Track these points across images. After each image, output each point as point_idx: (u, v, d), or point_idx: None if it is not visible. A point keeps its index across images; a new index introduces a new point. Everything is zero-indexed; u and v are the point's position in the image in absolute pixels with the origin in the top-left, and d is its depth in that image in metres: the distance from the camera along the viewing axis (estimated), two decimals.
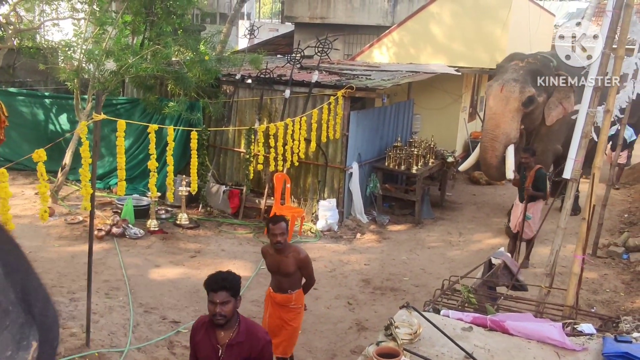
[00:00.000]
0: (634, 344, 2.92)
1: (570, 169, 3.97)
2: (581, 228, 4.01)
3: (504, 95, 8.40)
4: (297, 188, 9.73)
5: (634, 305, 7.17)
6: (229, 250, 8.19)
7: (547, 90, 8.57)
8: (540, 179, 7.65)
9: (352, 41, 15.67)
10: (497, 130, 8.49)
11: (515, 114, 8.49)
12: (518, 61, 8.82)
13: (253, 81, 9.76)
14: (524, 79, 8.44)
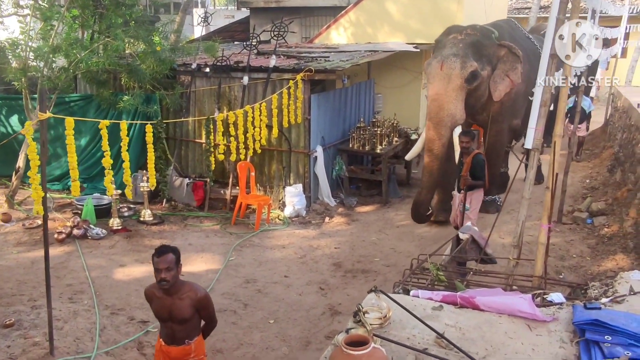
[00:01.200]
0: (603, 309, 2.92)
1: (531, 138, 3.95)
2: (546, 197, 4.00)
3: (444, 73, 7.47)
4: (262, 176, 9.59)
5: (601, 269, 7.28)
6: (196, 243, 8.02)
7: (490, 62, 7.88)
8: (478, 165, 7.00)
9: (309, 23, 15.47)
10: (442, 113, 7.49)
11: (459, 93, 7.54)
12: (456, 34, 7.91)
13: (210, 70, 9.53)
14: (464, 53, 7.57)
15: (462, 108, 7.61)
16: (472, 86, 7.64)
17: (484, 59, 7.75)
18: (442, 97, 7.48)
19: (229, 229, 8.62)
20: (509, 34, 8.49)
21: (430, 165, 7.61)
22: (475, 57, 7.63)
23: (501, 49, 7.91)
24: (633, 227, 8.06)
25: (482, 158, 7.05)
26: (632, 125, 10.02)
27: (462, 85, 7.51)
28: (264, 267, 7.34)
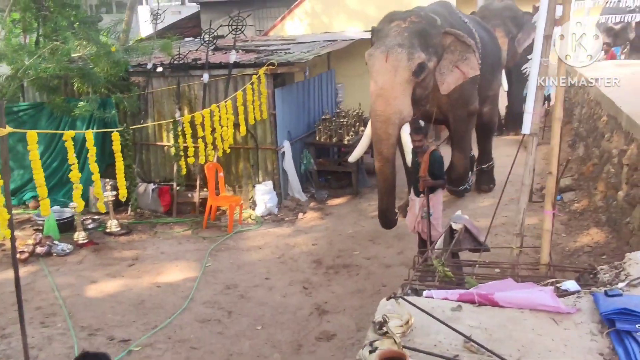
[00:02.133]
0: (625, 295, 2.84)
1: (529, 123, 3.87)
2: (548, 183, 3.93)
3: (390, 65, 6.75)
4: (230, 175, 9.30)
5: (577, 245, 7.38)
6: (168, 251, 7.70)
7: (437, 52, 7.24)
8: (436, 163, 6.30)
9: (263, 16, 15.16)
10: (389, 110, 6.75)
11: (406, 87, 6.85)
12: (400, 21, 7.12)
13: (166, 69, 9.15)
14: (410, 43, 6.85)
15: (409, 103, 6.96)
16: (420, 79, 6.97)
17: (430, 49, 7.11)
18: (388, 92, 6.79)
19: (201, 234, 8.32)
20: (445, 18, 7.86)
21: (383, 169, 6.91)
22: (422, 47, 6.97)
23: (447, 37, 7.33)
24: (603, 201, 8.19)
25: (439, 155, 6.37)
26: (592, 101, 10.19)
27: (410, 79, 6.84)
28: (243, 271, 7.10)
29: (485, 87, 8.83)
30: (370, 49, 7.17)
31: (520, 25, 12.26)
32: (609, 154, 8.12)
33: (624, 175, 7.15)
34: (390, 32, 7.07)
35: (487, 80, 8.85)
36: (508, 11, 12.43)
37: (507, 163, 11.20)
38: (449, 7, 8.66)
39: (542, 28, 3.73)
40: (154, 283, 6.77)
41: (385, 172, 6.92)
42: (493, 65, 9.10)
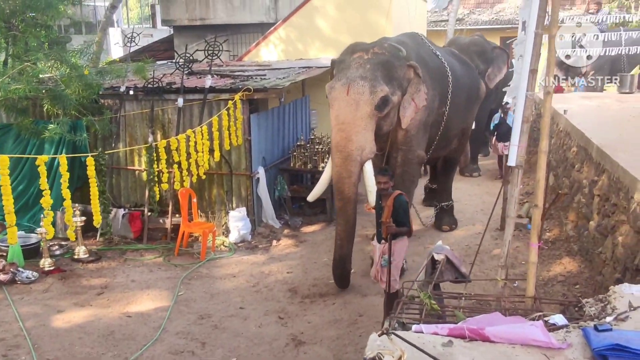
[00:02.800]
0: (616, 330, 2.83)
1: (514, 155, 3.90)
2: (534, 215, 3.95)
3: (351, 99, 6.43)
4: (203, 201, 9.14)
5: (551, 274, 7.45)
6: (139, 279, 7.47)
7: (401, 85, 6.95)
8: (401, 208, 5.71)
9: (237, 41, 15.17)
10: (350, 146, 6.43)
11: (368, 121, 6.53)
12: (362, 53, 6.84)
13: (140, 92, 9.01)
14: (373, 75, 6.56)
15: (372, 139, 6.66)
16: (383, 113, 6.69)
17: (394, 81, 6.84)
18: (350, 126, 6.48)
19: (173, 261, 8.11)
20: (415, 50, 7.62)
21: (344, 209, 6.56)
22: (385, 80, 6.69)
23: (410, 69, 7.09)
24: (574, 230, 8.33)
25: (405, 199, 5.80)
26: (561, 131, 10.43)
27: (372, 113, 6.54)
28: (216, 300, 6.92)
29: (456, 121, 8.48)
30: (331, 81, 6.84)
31: (490, 60, 12.01)
32: (580, 184, 8.28)
33: (595, 206, 7.28)
34: (352, 64, 6.79)
35: (460, 113, 8.52)
36: (475, 46, 12.18)
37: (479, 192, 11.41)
38: (418, 38, 8.42)
39: (527, 62, 3.79)
40: (124, 313, 6.54)
41: (346, 212, 6.58)
42: (468, 98, 8.80)
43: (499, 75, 12.00)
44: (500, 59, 12.10)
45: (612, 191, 6.57)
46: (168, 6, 15.79)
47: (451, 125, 8.34)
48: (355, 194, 6.62)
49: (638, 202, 5.59)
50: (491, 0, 25.07)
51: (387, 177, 5.82)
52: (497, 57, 12.09)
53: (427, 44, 8.37)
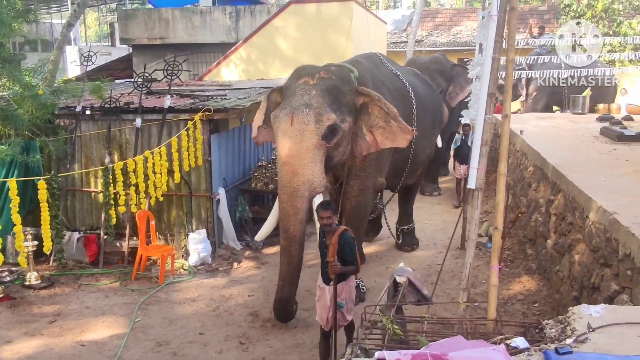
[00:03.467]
0: (576, 353, 2.85)
1: (474, 178, 3.93)
2: (494, 237, 3.98)
3: (296, 129, 5.90)
4: (161, 223, 8.94)
5: (511, 292, 7.53)
6: (94, 306, 7.21)
7: (351, 112, 6.36)
8: (347, 246, 5.16)
9: (197, 60, 15.07)
10: (296, 181, 5.89)
11: (315, 153, 5.96)
12: (307, 78, 6.30)
13: (97, 112, 8.80)
14: (318, 102, 6.00)
15: (321, 172, 6.05)
16: (332, 143, 6.11)
17: (343, 108, 6.25)
18: (295, 160, 5.92)
19: (130, 286, 7.87)
20: (371, 72, 7.19)
21: (288, 249, 6.03)
22: (332, 106, 6.11)
23: (360, 96, 6.45)
24: (532, 249, 8.47)
25: (351, 236, 5.25)
26: (518, 151, 10.66)
27: (319, 144, 5.97)
28: (175, 326, 6.73)
29: (423, 145, 8.19)
30: (276, 109, 6.25)
31: (450, 78, 12.02)
32: (537, 203, 8.45)
33: (552, 224, 7.42)
34: (297, 90, 6.22)
35: (427, 137, 8.22)
36: (436, 64, 12.08)
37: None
38: (376, 58, 7.99)
39: (486, 86, 3.85)
40: (77, 341, 6.28)
41: (290, 253, 6.03)
42: (433, 121, 8.51)
43: (461, 94, 11.95)
44: (462, 77, 12.01)
45: (568, 210, 6.71)
46: (127, 25, 15.59)
47: (419, 150, 8.01)
48: (302, 232, 6.05)
49: (593, 221, 5.71)
50: (449, 23, 25.75)
51: (329, 212, 5.27)
52: (458, 75, 12.04)
53: (387, 64, 7.99)
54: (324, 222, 5.27)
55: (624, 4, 21.14)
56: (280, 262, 6.23)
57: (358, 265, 5.33)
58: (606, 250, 5.30)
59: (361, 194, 7.09)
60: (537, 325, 3.48)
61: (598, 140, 10.00)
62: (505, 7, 3.75)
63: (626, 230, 4.89)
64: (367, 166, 7.00)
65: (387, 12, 27.85)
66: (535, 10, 25.55)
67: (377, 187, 7.37)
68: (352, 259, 5.20)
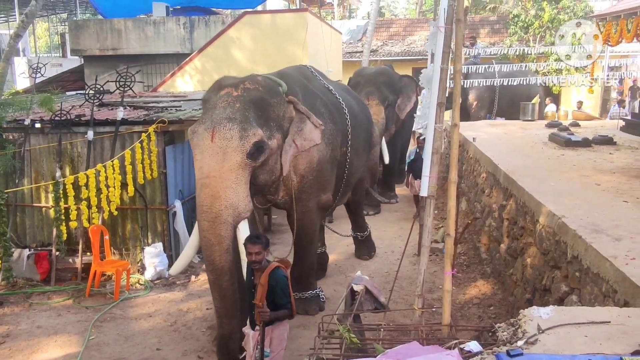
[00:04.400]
0: (527, 354, 2.92)
1: (426, 186, 4.00)
2: (447, 244, 4.05)
3: (217, 147, 5.27)
4: (117, 238, 8.74)
5: (467, 297, 7.67)
6: (46, 325, 6.98)
7: (281, 127, 5.86)
8: (279, 287, 4.57)
9: (151, 71, 14.86)
10: (218, 205, 5.21)
11: (240, 174, 5.33)
12: (230, 89, 5.65)
13: (47, 125, 8.57)
14: (243, 116, 5.39)
15: (246, 195, 5.41)
16: (258, 162, 5.51)
17: (271, 122, 5.72)
18: (217, 181, 5.25)
19: (83, 303, 7.66)
20: (303, 85, 6.73)
21: (218, 283, 5.31)
22: (259, 121, 5.55)
23: (291, 107, 6.04)
24: (487, 253, 8.66)
25: (284, 275, 4.65)
26: (471, 158, 10.90)
27: (244, 163, 5.35)
28: (131, 342, 6.58)
29: (357, 164, 7.77)
30: (194, 124, 5.58)
31: (398, 90, 11.60)
32: (490, 209, 8.65)
33: (504, 229, 7.61)
34: (218, 103, 5.54)
35: (360, 156, 7.83)
36: (383, 76, 11.56)
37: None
38: (306, 71, 7.50)
39: (435, 95, 3.94)
40: None
41: (221, 286, 5.33)
42: (366, 140, 8.18)
43: (409, 105, 11.75)
44: (409, 88, 11.86)
45: (520, 215, 6.90)
46: (78, 35, 15.26)
47: (352, 169, 7.53)
48: (231, 262, 5.31)
49: (543, 225, 5.89)
50: (403, 33, 26.20)
51: (259, 247, 4.59)
52: (406, 86, 11.80)
53: (319, 77, 7.52)
54: (252, 258, 4.61)
55: (569, 15, 21.95)
56: (213, 298, 5.51)
57: (292, 310, 4.65)
58: (556, 252, 5.47)
59: (304, 216, 6.58)
60: (490, 328, 3.56)
61: (547, 146, 10.33)
62: (452, 19, 3.86)
63: (574, 233, 5.07)
64: (306, 186, 6.53)
65: (342, 23, 28.12)
66: (486, 21, 26.26)
67: (322, 205, 6.86)
68: (284, 302, 4.60)
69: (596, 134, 11.06)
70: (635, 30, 10.76)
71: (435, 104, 3.95)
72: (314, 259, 7.39)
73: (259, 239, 4.68)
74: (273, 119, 5.77)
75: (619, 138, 10.80)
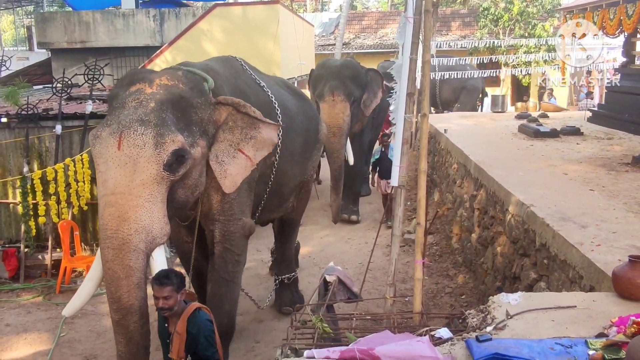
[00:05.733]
0: (495, 339, 2.98)
1: (397, 176, 4.04)
2: (417, 233, 4.10)
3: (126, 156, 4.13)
4: (86, 233, 8.60)
5: (439, 286, 7.78)
6: (15, 323, 6.86)
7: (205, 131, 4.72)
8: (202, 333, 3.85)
9: (120, 64, 14.61)
10: (126, 229, 4.05)
11: (154, 189, 4.18)
12: (143, 84, 4.54)
13: (13, 119, 8.38)
14: (159, 119, 4.30)
15: (162, 216, 4.23)
16: (177, 175, 4.33)
17: (194, 127, 4.57)
18: (125, 199, 4.07)
19: (54, 300, 7.54)
20: (230, 81, 5.48)
21: (124, 323, 4.08)
22: (179, 124, 4.42)
23: (222, 108, 4.84)
24: (459, 243, 8.79)
25: (207, 319, 3.95)
26: (443, 149, 11.02)
27: (161, 176, 4.19)
28: (103, 339, 6.51)
29: (292, 173, 6.42)
30: (97, 127, 4.38)
31: (364, 85, 10.46)
32: (461, 199, 8.77)
33: (475, 219, 7.73)
34: (127, 102, 4.37)
35: (296, 163, 6.47)
36: (348, 70, 10.34)
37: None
38: (235, 64, 6.02)
39: (404, 86, 3.98)
40: None
41: (128, 328, 4.09)
42: (306, 143, 6.75)
43: (375, 101, 10.73)
44: (375, 83, 10.77)
45: (490, 205, 7.02)
46: (45, 28, 14.92)
47: (284, 179, 6.26)
48: (141, 299, 4.10)
49: (512, 214, 6.00)
50: (375, 26, 26.31)
51: (169, 289, 3.74)
52: (372, 81, 10.71)
53: (249, 71, 6.11)
54: (160, 304, 3.77)
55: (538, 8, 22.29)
56: (116, 341, 4.22)
57: None
58: (525, 241, 5.58)
59: (226, 240, 5.26)
60: (460, 315, 3.62)
61: (516, 137, 10.51)
62: (420, 10, 3.90)
63: (542, 221, 5.18)
64: (227, 207, 5.17)
65: (315, 15, 28.10)
66: (456, 13, 26.52)
67: (246, 230, 5.44)
68: (210, 352, 3.83)
69: (564, 124, 11.28)
70: (601, 23, 11.01)
71: (404, 94, 3.99)
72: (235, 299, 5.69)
73: (168, 279, 3.77)
74: (196, 123, 4.61)
75: (585, 129, 11.03)
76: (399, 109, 4.00)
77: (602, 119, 11.75)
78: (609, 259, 4.15)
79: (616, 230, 4.88)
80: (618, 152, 8.76)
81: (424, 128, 3.86)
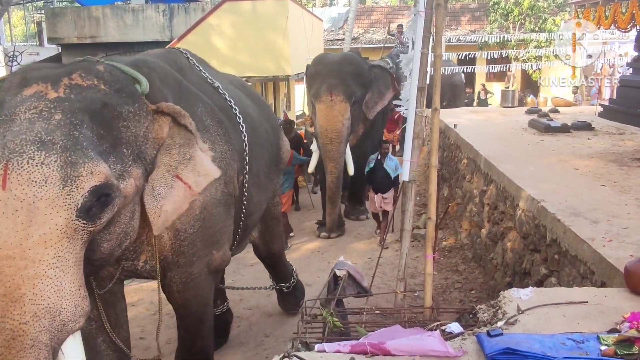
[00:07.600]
0: (506, 334, 2.98)
1: (407, 170, 4.04)
2: (428, 228, 4.09)
3: (16, 198, 2.69)
4: None
5: (448, 281, 7.77)
6: None
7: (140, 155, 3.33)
8: None
9: None
10: (17, 312, 2.63)
11: (64, 248, 2.76)
12: (44, 86, 3.02)
13: None
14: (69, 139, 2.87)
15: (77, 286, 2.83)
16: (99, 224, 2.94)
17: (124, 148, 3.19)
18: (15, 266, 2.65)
19: None
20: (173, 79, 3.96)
21: None
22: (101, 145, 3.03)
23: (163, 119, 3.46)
24: (468, 238, 8.76)
25: None
26: (452, 144, 10.98)
27: (73, 227, 2.79)
28: None
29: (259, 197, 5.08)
30: None
31: (368, 83, 9.18)
32: (471, 194, 8.74)
33: (485, 214, 7.70)
34: (18, 114, 2.92)
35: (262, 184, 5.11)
36: (350, 65, 9.02)
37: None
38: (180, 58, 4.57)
39: (415, 80, 3.97)
40: None
41: None
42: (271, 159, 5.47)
43: (380, 103, 9.39)
44: (382, 82, 9.44)
45: (500, 200, 6.98)
46: (55, 23, 15.02)
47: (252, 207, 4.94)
48: None
49: (523, 210, 5.97)
50: (384, 20, 26.20)
51: None
52: (377, 78, 9.38)
53: (198, 68, 4.68)
54: None
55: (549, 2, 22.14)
56: None
57: None
58: (535, 236, 5.56)
59: (186, 287, 4.15)
60: (471, 310, 3.61)
61: (527, 132, 10.45)
62: (432, 3, 3.89)
63: (553, 216, 5.15)
64: (186, 245, 3.90)
65: (324, 10, 28.05)
66: (466, 8, 26.37)
67: (214, 267, 4.30)
68: None
69: (575, 119, 11.20)
70: (613, 17, 10.91)
71: (415, 88, 3.98)
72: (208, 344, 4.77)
73: None
74: (127, 142, 3.23)
75: (596, 124, 10.95)
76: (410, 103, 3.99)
77: (614, 114, 11.65)
78: (620, 255, 4.12)
79: (628, 226, 4.84)
80: (630, 147, 8.69)
81: (435, 122, 3.85)
